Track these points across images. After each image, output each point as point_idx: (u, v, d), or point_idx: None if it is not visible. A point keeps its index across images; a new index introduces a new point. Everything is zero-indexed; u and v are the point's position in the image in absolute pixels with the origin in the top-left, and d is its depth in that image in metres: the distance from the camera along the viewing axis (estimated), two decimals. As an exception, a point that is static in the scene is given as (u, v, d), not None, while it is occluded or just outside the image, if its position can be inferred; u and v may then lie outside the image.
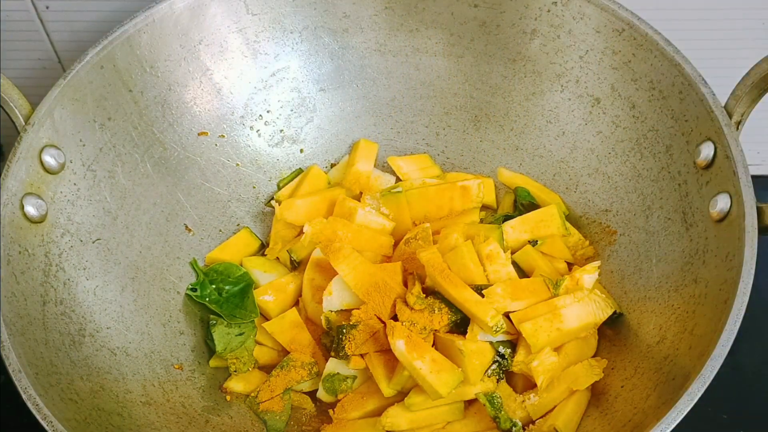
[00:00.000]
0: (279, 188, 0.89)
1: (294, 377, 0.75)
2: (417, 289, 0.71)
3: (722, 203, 0.64)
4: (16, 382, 0.58)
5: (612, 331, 0.75)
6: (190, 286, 0.81)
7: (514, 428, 0.69)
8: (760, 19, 0.85)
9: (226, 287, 0.81)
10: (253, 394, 0.76)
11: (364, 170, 0.87)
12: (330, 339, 0.74)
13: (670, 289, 0.69)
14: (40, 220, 0.69)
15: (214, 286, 0.81)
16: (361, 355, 0.73)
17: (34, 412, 0.57)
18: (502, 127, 0.87)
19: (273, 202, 0.86)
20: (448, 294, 0.70)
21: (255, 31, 0.85)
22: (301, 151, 0.91)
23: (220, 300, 0.80)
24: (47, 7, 0.85)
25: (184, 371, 0.76)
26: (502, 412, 0.69)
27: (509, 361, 0.70)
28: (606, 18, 0.76)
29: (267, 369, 0.78)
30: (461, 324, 0.71)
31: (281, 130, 0.89)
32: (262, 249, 0.87)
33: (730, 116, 0.66)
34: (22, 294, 0.65)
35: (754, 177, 0.63)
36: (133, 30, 0.76)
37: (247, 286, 0.80)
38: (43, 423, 0.56)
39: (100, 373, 0.68)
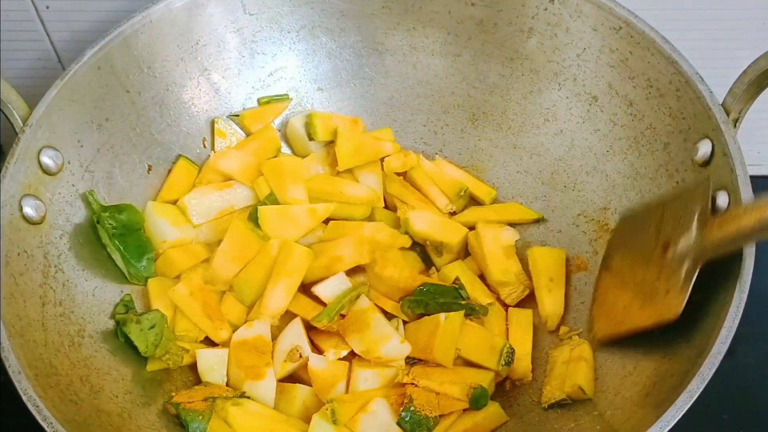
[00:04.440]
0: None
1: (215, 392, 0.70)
2: None
3: (720, 201, 0.64)
4: (16, 384, 0.58)
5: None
6: (96, 218, 0.74)
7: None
8: (758, 19, 0.84)
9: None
10: (173, 393, 0.71)
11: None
12: None
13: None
14: (38, 222, 0.69)
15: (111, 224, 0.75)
16: None
17: (34, 413, 0.57)
18: (500, 126, 0.87)
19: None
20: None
21: (252, 31, 0.85)
22: (300, 150, 0.91)
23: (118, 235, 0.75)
24: (47, 7, 0.85)
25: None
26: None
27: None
28: (603, 16, 0.75)
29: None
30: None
31: (279, 130, 0.89)
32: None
33: (728, 114, 0.66)
34: (22, 295, 0.65)
35: (754, 177, 0.63)
36: (131, 30, 0.76)
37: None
38: (44, 424, 0.56)
39: (100, 373, 0.68)
